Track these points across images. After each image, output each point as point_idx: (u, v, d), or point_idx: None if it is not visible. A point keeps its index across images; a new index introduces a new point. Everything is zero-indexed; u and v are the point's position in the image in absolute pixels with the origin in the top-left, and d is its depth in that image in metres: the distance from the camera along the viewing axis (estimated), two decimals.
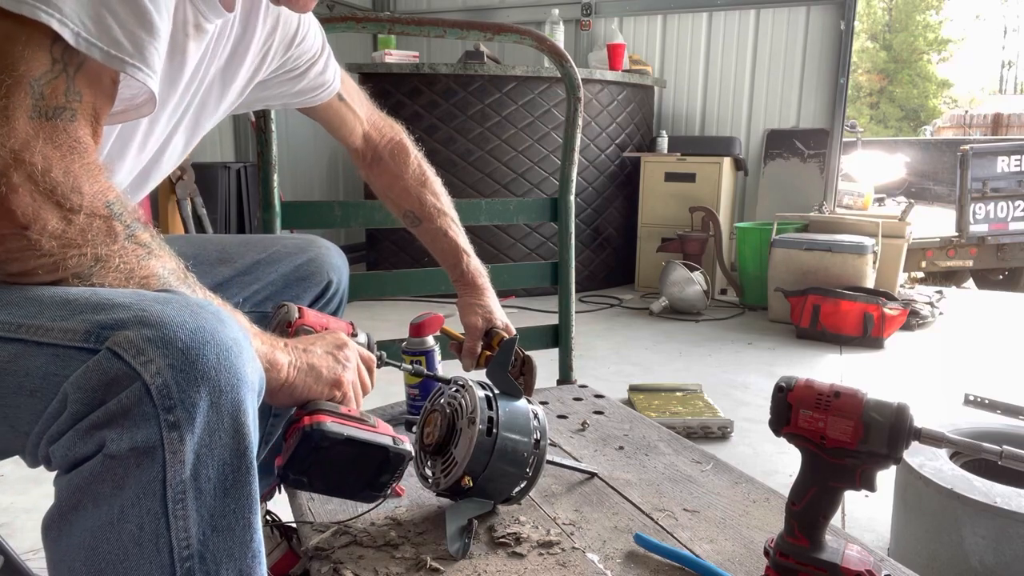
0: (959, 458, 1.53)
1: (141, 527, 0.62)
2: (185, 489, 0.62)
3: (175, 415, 0.61)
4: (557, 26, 4.70)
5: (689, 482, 1.16)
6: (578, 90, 1.59)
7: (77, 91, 0.66)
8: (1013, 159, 5.14)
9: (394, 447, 0.89)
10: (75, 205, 0.64)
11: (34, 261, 0.65)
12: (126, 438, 0.60)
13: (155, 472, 0.61)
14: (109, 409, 0.60)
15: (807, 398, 0.83)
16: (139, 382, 0.60)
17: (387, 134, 1.32)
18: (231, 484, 0.65)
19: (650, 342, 3.53)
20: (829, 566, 0.84)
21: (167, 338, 0.61)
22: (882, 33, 26.24)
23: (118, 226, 0.67)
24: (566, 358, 1.69)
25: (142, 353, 0.60)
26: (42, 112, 0.63)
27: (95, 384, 0.60)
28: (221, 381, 0.63)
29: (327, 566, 0.92)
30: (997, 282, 5.58)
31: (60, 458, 0.62)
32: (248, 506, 0.67)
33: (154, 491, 0.61)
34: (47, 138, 0.63)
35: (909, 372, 3.15)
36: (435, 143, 4.27)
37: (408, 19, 1.55)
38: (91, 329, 0.62)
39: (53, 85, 0.64)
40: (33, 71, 0.63)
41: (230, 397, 0.63)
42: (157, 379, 0.60)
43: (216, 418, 0.63)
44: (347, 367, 0.89)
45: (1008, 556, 1.33)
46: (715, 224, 4.33)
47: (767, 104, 4.87)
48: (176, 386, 0.60)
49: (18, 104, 0.62)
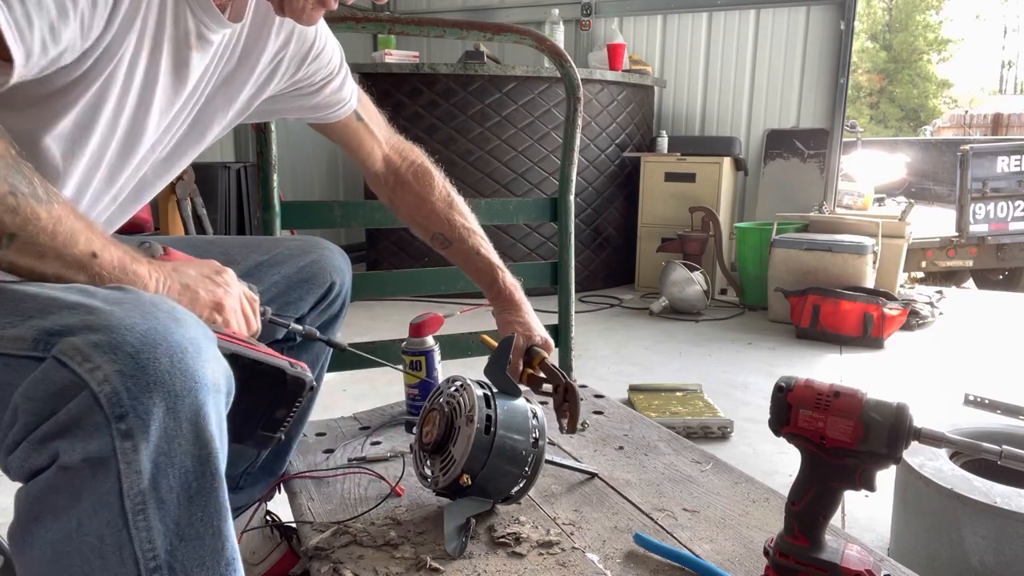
0: (959, 458, 1.53)
1: (102, 539, 0.60)
2: (145, 499, 0.60)
3: (127, 423, 0.58)
4: (557, 26, 4.70)
5: (689, 482, 1.16)
6: (578, 90, 1.59)
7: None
8: (1013, 159, 5.14)
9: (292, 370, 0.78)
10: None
11: None
12: (78, 449, 0.58)
13: (110, 483, 0.59)
14: (60, 419, 0.58)
15: (807, 398, 0.83)
16: (87, 391, 0.58)
17: (408, 156, 1.30)
18: (196, 492, 0.63)
19: (650, 342, 3.53)
20: (829, 566, 0.84)
21: (115, 342, 0.58)
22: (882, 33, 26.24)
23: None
24: (566, 358, 1.69)
25: (88, 360, 0.58)
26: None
27: (43, 394, 0.58)
28: (176, 385, 0.60)
29: (327, 566, 0.92)
30: (997, 282, 5.58)
31: (16, 469, 0.61)
32: (217, 514, 0.64)
33: (111, 502, 0.59)
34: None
35: (909, 372, 3.15)
36: (435, 143, 4.27)
37: (408, 19, 1.55)
38: (39, 336, 0.60)
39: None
40: None
41: (188, 402, 0.61)
42: (105, 387, 0.58)
43: (174, 424, 0.60)
44: (228, 292, 0.82)
45: (1008, 556, 1.33)
46: (715, 224, 4.33)
47: (767, 104, 4.87)
48: (127, 393, 0.58)
49: None
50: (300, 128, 1.28)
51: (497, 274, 1.28)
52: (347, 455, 1.25)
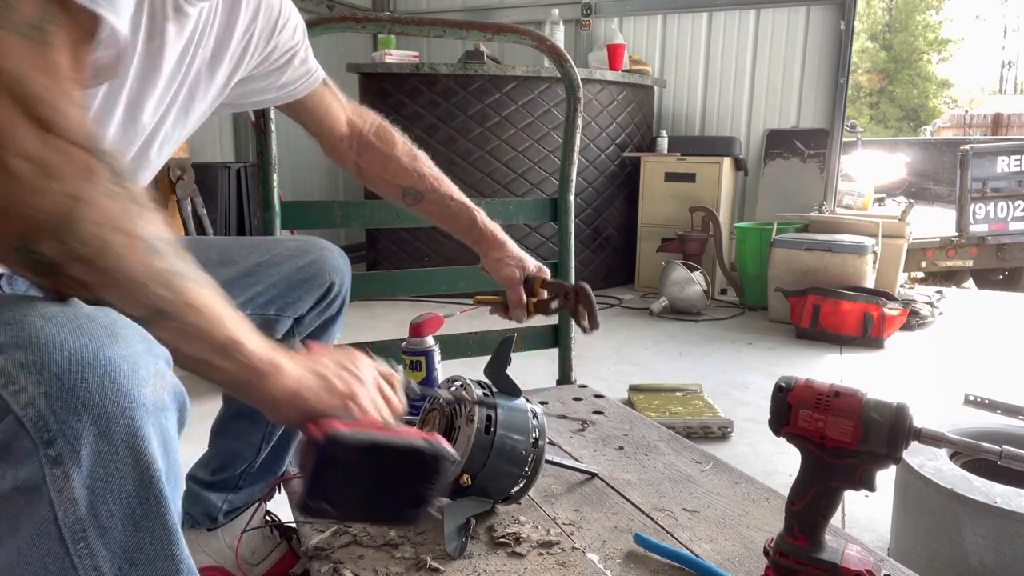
0: (959, 458, 1.53)
1: (45, 568, 0.58)
2: (84, 527, 0.57)
3: (56, 448, 0.55)
4: (557, 26, 4.70)
5: (689, 482, 1.16)
6: (578, 90, 1.59)
7: (51, 17, 0.57)
8: (1013, 159, 5.14)
9: (430, 447, 0.76)
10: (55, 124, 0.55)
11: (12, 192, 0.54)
12: (9, 476, 0.55)
13: (44, 511, 0.56)
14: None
15: (807, 398, 0.83)
16: (12, 415, 0.54)
17: (367, 117, 1.29)
18: (141, 516, 0.60)
19: (650, 342, 3.53)
20: (829, 566, 0.84)
21: (42, 362, 0.55)
22: (882, 33, 26.24)
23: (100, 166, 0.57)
24: (566, 358, 1.69)
25: (13, 381, 0.54)
26: (14, 27, 0.55)
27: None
28: (108, 407, 0.56)
29: (327, 566, 0.92)
30: (997, 282, 5.58)
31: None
32: (166, 537, 0.61)
33: (48, 531, 0.57)
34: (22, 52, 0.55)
35: (909, 372, 3.15)
36: (435, 143, 4.27)
37: (408, 19, 1.55)
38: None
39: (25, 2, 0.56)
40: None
41: (122, 423, 0.57)
42: (29, 410, 0.54)
43: (108, 448, 0.57)
44: (361, 381, 0.79)
45: (1008, 556, 1.33)
46: (715, 224, 4.33)
47: (767, 104, 4.87)
48: (53, 416, 0.54)
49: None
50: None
51: (475, 215, 1.29)
52: None
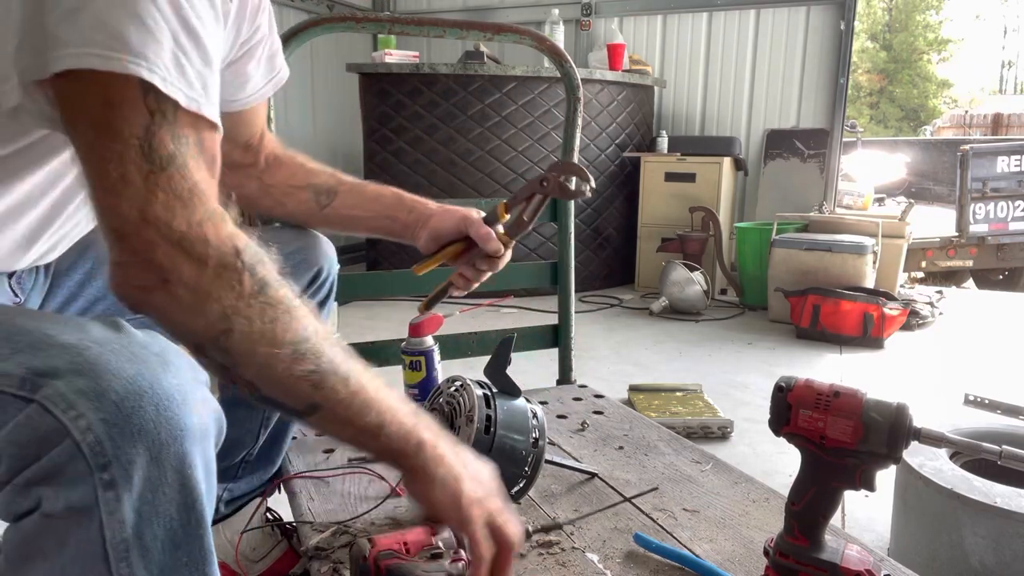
0: (959, 458, 1.53)
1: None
2: (128, 548, 0.60)
3: (110, 473, 0.58)
4: (557, 26, 4.70)
5: (689, 482, 1.16)
6: (578, 90, 1.59)
7: (181, 135, 0.63)
8: (1013, 159, 5.14)
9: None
10: (203, 255, 0.62)
11: (175, 312, 0.64)
12: (61, 497, 0.58)
13: (93, 532, 0.58)
14: (43, 466, 0.58)
15: (807, 398, 0.83)
16: (69, 439, 0.57)
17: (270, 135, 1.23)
18: (181, 539, 0.62)
19: (650, 342, 3.53)
20: (829, 566, 0.84)
21: (100, 389, 0.57)
22: (882, 33, 26.24)
23: (247, 279, 0.65)
24: (566, 358, 1.69)
25: (73, 407, 0.57)
26: (155, 164, 0.62)
27: (26, 440, 0.58)
28: (161, 434, 0.59)
29: (327, 566, 0.92)
30: (997, 282, 5.58)
31: (2, 510, 0.61)
32: (202, 558, 0.64)
33: (94, 551, 0.59)
34: (166, 189, 0.62)
35: (909, 372, 3.15)
36: (435, 143, 4.27)
37: (408, 19, 1.55)
38: (26, 376, 0.59)
39: (158, 136, 0.62)
40: (136, 129, 0.61)
41: (173, 451, 0.60)
42: (88, 435, 0.57)
43: (158, 473, 0.60)
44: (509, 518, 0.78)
45: (1008, 556, 1.33)
46: (715, 224, 4.33)
47: (767, 104, 4.87)
48: (110, 442, 0.57)
49: (131, 164, 0.61)
50: (300, 128, 1.26)
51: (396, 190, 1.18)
52: (347, 455, 1.25)
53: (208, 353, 0.65)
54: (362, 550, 0.81)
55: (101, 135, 0.61)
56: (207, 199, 0.64)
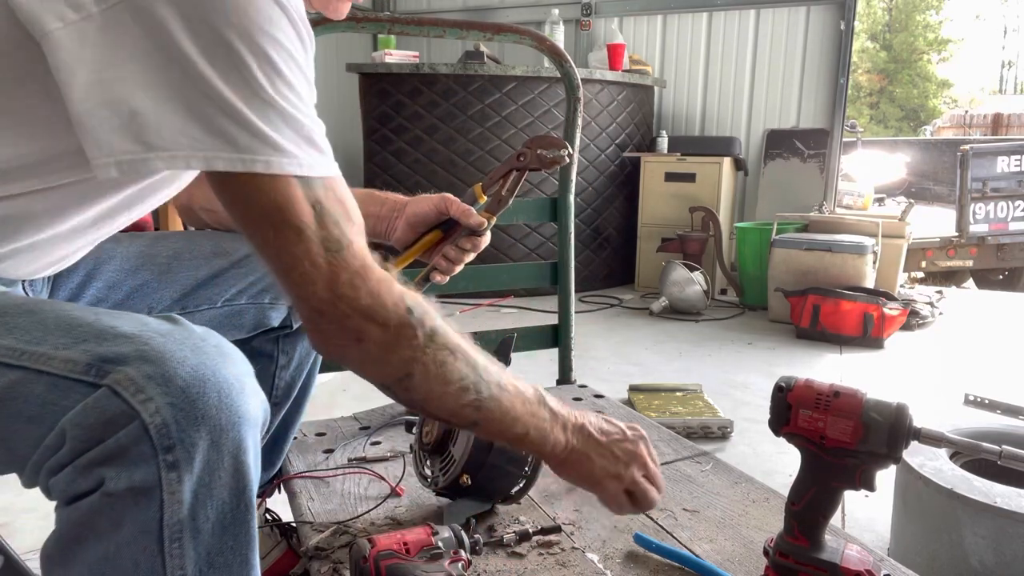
0: (959, 458, 1.53)
1: (137, 564, 0.62)
2: (182, 528, 0.62)
3: (174, 455, 0.61)
4: (557, 26, 4.70)
5: (689, 482, 1.16)
6: (578, 90, 1.59)
7: (335, 216, 0.68)
8: (1013, 159, 5.14)
9: None
10: (384, 319, 0.70)
11: (367, 363, 0.73)
12: (124, 477, 0.60)
13: (152, 512, 0.61)
14: (108, 447, 0.60)
15: (807, 398, 0.83)
16: (138, 421, 0.60)
17: None
18: (230, 522, 0.66)
19: (650, 342, 3.53)
20: (829, 566, 0.84)
21: (167, 375, 0.61)
22: (882, 33, 26.23)
23: (420, 333, 0.72)
24: (566, 358, 1.69)
25: (141, 391, 0.60)
26: (329, 249, 0.67)
27: (93, 422, 0.60)
28: (222, 420, 0.63)
29: (327, 566, 0.92)
30: (997, 282, 5.58)
31: (60, 491, 0.63)
32: (246, 543, 0.67)
33: (151, 530, 0.62)
34: (345, 268, 0.68)
35: (909, 372, 3.15)
36: (435, 143, 4.27)
37: (408, 19, 1.55)
38: (92, 362, 0.62)
39: (321, 223, 0.67)
40: (306, 220, 0.66)
41: (231, 436, 0.64)
42: (156, 418, 0.60)
43: (216, 457, 0.63)
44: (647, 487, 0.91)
45: (1008, 556, 1.33)
46: (715, 224, 4.33)
47: (767, 104, 4.87)
48: (176, 425, 0.60)
49: (315, 254, 0.66)
50: None
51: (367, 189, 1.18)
52: (347, 455, 1.25)
53: (393, 391, 0.75)
54: (362, 550, 0.81)
55: (280, 234, 0.65)
56: (372, 264, 0.71)
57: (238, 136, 0.61)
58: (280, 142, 0.64)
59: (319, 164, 0.68)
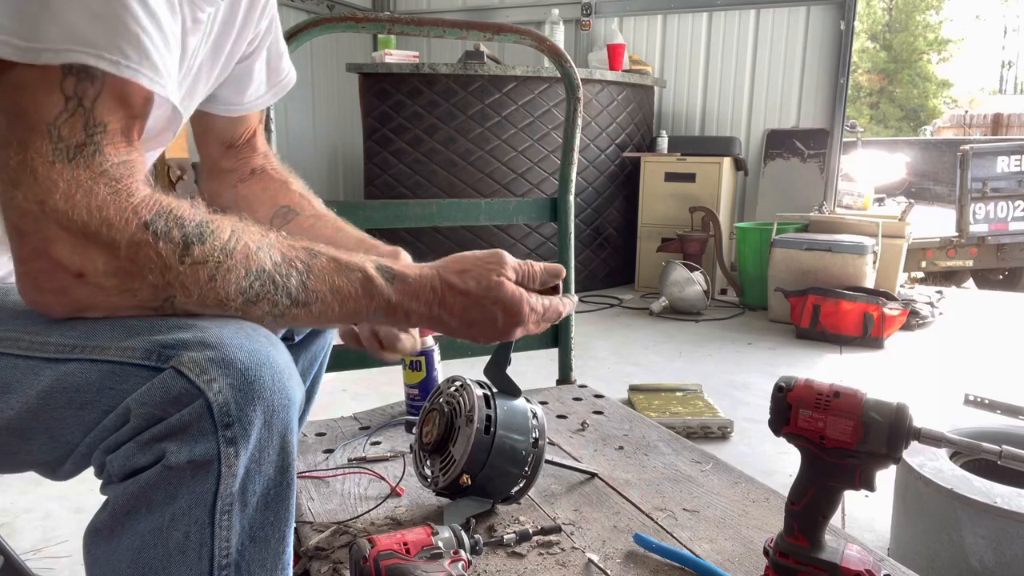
0: (959, 458, 1.53)
1: (187, 535, 0.64)
2: (233, 501, 0.65)
3: (233, 431, 0.63)
4: (557, 26, 4.70)
5: (689, 482, 1.16)
6: (578, 90, 1.59)
7: (99, 122, 0.61)
8: (1013, 159, 5.14)
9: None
10: (111, 239, 0.61)
11: (105, 300, 0.63)
12: (185, 451, 0.63)
13: (209, 484, 0.64)
14: (171, 423, 0.62)
15: (807, 398, 0.83)
16: (202, 399, 0.62)
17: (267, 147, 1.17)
18: (272, 498, 0.68)
19: (650, 342, 3.53)
20: (829, 566, 0.84)
21: (228, 359, 0.63)
22: (882, 33, 26.23)
23: (164, 248, 0.63)
24: (566, 358, 1.69)
25: (205, 372, 0.62)
26: (63, 154, 0.60)
27: (159, 400, 0.62)
28: (275, 401, 0.66)
29: (327, 566, 0.92)
30: (997, 282, 5.58)
31: (118, 467, 0.64)
32: (285, 519, 0.70)
33: (205, 502, 0.64)
34: (70, 179, 0.60)
35: (909, 372, 3.15)
36: (435, 143, 4.27)
37: (408, 19, 1.55)
38: (152, 348, 0.64)
39: (70, 124, 0.60)
40: (47, 115, 0.59)
41: (281, 416, 0.66)
42: (219, 397, 0.62)
43: (267, 436, 0.66)
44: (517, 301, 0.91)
45: (1008, 556, 1.33)
46: (715, 224, 4.33)
47: (767, 104, 4.87)
48: (235, 404, 0.63)
49: (36, 153, 0.59)
50: (300, 128, 1.25)
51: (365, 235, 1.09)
52: (347, 455, 1.25)
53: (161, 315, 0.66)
54: (362, 550, 0.81)
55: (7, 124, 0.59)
56: (114, 181, 0.61)
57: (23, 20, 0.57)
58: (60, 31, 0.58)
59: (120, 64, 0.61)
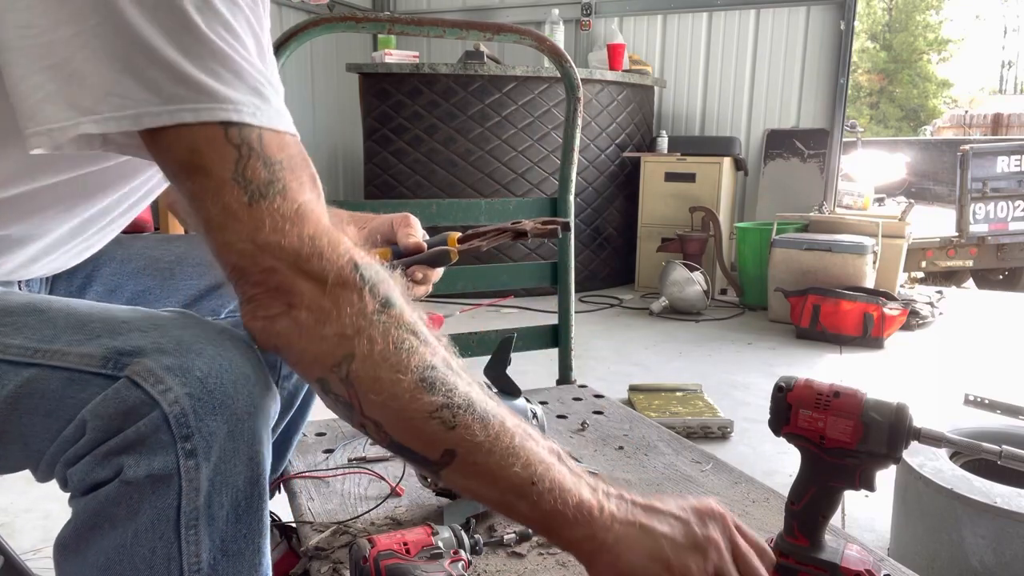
0: (959, 458, 1.53)
1: (153, 551, 0.62)
2: (198, 516, 0.63)
3: (192, 443, 0.61)
4: (557, 26, 4.70)
5: (689, 482, 1.16)
6: (578, 90, 1.59)
7: (269, 160, 0.60)
8: (1013, 159, 5.14)
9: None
10: (320, 271, 0.59)
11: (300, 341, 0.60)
12: (143, 465, 0.60)
13: (170, 499, 0.61)
14: (127, 436, 0.60)
15: (807, 398, 0.83)
16: (158, 410, 0.60)
17: None
18: (243, 510, 0.66)
19: (650, 342, 3.53)
20: (829, 566, 0.84)
21: (185, 366, 0.61)
22: (882, 33, 26.23)
23: (368, 295, 0.61)
24: (566, 358, 1.69)
25: (161, 382, 0.60)
26: (254, 195, 0.59)
27: (113, 412, 0.60)
28: (239, 409, 0.63)
29: (327, 566, 0.92)
30: (997, 282, 5.58)
31: (77, 481, 0.63)
32: (259, 531, 0.67)
33: (168, 517, 0.62)
34: (272, 214, 0.59)
35: (909, 372, 3.15)
36: (435, 143, 4.27)
37: (408, 19, 1.55)
38: (108, 355, 0.62)
39: (251, 168, 0.59)
40: (223, 162, 0.58)
41: (247, 425, 0.64)
42: (175, 407, 0.60)
43: (232, 446, 0.63)
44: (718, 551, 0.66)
45: (1008, 556, 1.33)
46: (715, 224, 4.33)
47: (767, 104, 4.87)
48: (194, 415, 0.61)
49: (232, 200, 0.58)
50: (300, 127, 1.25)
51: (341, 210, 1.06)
52: (347, 455, 1.25)
53: (332, 388, 0.61)
54: (362, 550, 0.81)
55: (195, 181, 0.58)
56: (314, 218, 0.61)
57: (163, 84, 0.56)
58: (214, 86, 0.57)
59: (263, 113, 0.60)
